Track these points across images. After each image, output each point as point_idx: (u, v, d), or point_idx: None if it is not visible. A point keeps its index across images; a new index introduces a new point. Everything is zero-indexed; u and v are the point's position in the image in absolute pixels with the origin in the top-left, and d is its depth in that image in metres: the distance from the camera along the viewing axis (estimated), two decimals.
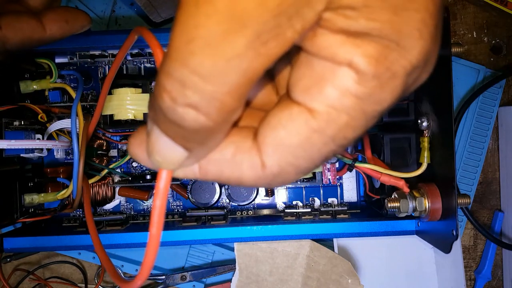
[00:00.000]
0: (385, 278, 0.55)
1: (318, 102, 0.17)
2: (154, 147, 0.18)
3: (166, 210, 0.56)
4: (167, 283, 0.56)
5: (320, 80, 0.16)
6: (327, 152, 0.18)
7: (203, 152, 0.18)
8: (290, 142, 0.17)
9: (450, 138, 0.40)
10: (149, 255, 0.20)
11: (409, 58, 0.16)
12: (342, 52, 0.16)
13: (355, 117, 0.17)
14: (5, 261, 0.56)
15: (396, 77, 0.16)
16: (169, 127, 0.16)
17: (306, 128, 0.17)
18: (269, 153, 0.18)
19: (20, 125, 0.47)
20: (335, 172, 0.55)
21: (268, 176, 0.18)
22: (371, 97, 0.16)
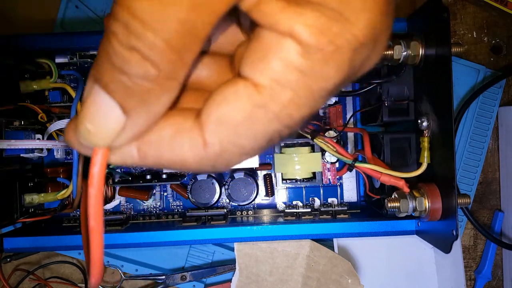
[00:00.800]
0: (385, 278, 0.55)
1: (263, 76, 0.16)
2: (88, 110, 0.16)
3: (166, 210, 0.56)
4: (167, 283, 0.56)
5: (266, 53, 0.16)
6: (272, 131, 0.17)
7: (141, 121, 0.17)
8: (233, 119, 0.16)
9: (450, 138, 0.40)
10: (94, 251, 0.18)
11: (354, 31, 0.15)
12: (283, 19, 0.15)
13: (300, 93, 0.16)
14: (5, 261, 0.56)
15: (340, 52, 0.15)
16: (112, 76, 0.16)
17: (250, 104, 0.16)
18: (211, 130, 0.17)
19: (20, 125, 0.47)
20: (335, 172, 0.55)
21: (211, 156, 0.17)
22: (315, 72, 0.16)
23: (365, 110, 0.52)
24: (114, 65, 0.15)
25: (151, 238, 0.48)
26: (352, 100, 0.56)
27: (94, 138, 0.17)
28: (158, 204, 0.57)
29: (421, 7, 0.43)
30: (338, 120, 0.55)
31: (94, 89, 0.16)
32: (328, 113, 0.55)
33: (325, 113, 0.55)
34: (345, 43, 0.15)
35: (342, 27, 0.15)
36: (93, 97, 0.16)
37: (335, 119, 0.55)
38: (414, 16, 0.46)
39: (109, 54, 0.15)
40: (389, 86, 0.46)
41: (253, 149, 0.17)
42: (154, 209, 0.57)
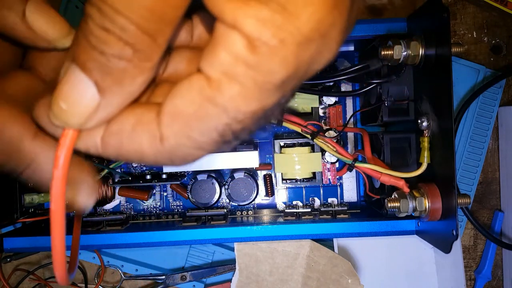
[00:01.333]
0: (385, 278, 0.55)
1: (213, 68, 0.16)
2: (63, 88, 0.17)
3: (166, 210, 0.56)
4: (167, 283, 0.56)
5: (216, 44, 0.16)
6: (222, 125, 0.17)
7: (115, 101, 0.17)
8: (185, 111, 0.17)
9: (450, 138, 0.40)
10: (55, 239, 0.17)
11: (297, 25, 0.15)
12: (229, 10, 0.15)
13: (247, 87, 0.16)
14: (5, 261, 0.56)
15: (285, 46, 0.15)
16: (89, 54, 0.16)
17: (200, 97, 0.16)
18: (166, 123, 0.17)
19: None
20: (335, 172, 0.55)
21: (167, 149, 0.17)
22: (260, 65, 0.15)
23: (365, 110, 0.52)
24: (91, 44, 0.16)
25: (151, 238, 0.48)
26: (352, 100, 0.56)
27: (67, 117, 0.17)
28: (158, 204, 0.57)
29: (421, 7, 0.43)
30: (338, 120, 0.55)
31: (71, 68, 0.17)
32: (328, 113, 0.55)
33: (325, 113, 0.55)
34: (288, 37, 0.15)
35: (285, 21, 0.15)
36: (69, 76, 0.17)
37: (335, 119, 0.55)
38: (414, 16, 0.46)
39: (86, 35, 0.16)
40: (389, 86, 0.46)
41: (207, 144, 0.18)
42: (154, 209, 0.57)
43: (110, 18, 0.15)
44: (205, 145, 0.18)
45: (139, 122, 0.18)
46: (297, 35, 0.15)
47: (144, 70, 0.17)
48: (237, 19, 0.15)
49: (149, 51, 0.16)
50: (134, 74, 0.17)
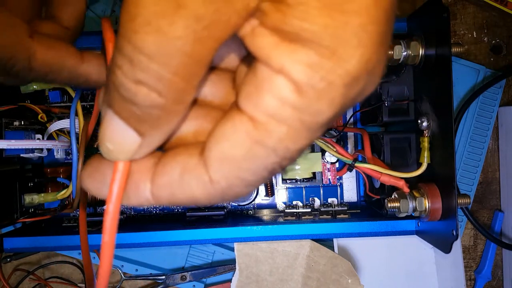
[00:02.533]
0: (385, 278, 0.55)
1: (258, 111, 0.16)
2: (106, 132, 0.17)
3: (166, 210, 0.56)
4: (167, 283, 0.56)
5: (261, 87, 0.16)
6: (272, 164, 0.17)
7: (157, 138, 0.18)
8: (234, 155, 0.17)
9: (450, 138, 0.40)
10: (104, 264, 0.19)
11: (346, 68, 0.15)
12: (276, 56, 0.15)
13: (295, 128, 0.16)
14: (5, 261, 0.56)
15: (333, 88, 0.15)
16: (123, 106, 0.16)
17: (248, 140, 0.16)
18: (215, 167, 0.17)
19: (20, 125, 0.47)
20: (335, 172, 0.55)
21: (218, 191, 0.18)
22: (308, 108, 0.16)
23: (365, 110, 0.52)
24: (122, 96, 0.16)
25: (151, 238, 0.48)
26: None
27: (114, 155, 0.18)
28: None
29: (421, 7, 0.43)
30: (338, 120, 0.55)
31: (108, 114, 0.17)
32: None
33: None
34: (337, 79, 0.15)
35: (334, 64, 0.15)
36: (108, 121, 0.17)
37: (335, 119, 0.55)
38: (414, 16, 0.46)
39: (116, 86, 0.16)
40: (389, 86, 0.46)
41: (258, 181, 0.18)
42: (154, 209, 0.57)
43: (144, 68, 0.15)
44: (255, 183, 0.18)
45: (185, 170, 0.18)
46: (345, 77, 0.15)
47: (179, 112, 0.17)
48: (285, 64, 0.15)
49: (182, 95, 0.16)
50: (169, 118, 0.17)
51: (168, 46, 0.14)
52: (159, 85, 0.15)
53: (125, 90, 0.15)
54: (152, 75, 0.15)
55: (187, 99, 0.17)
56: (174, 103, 0.16)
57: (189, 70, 0.15)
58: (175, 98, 0.16)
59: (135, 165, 0.18)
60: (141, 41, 0.14)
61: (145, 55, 0.15)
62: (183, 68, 0.15)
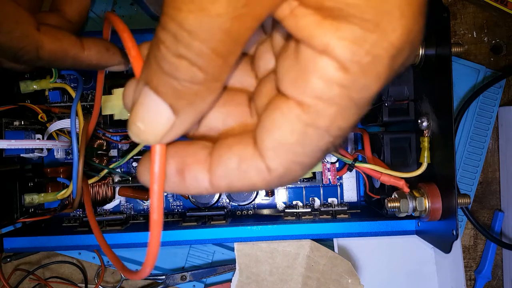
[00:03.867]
0: (385, 278, 0.55)
1: (306, 95, 0.16)
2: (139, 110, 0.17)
3: (166, 210, 0.56)
4: (167, 283, 0.56)
5: (305, 71, 0.16)
6: (326, 144, 0.17)
7: (190, 118, 0.18)
8: (287, 141, 0.17)
9: (450, 138, 0.40)
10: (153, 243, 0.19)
11: (391, 40, 0.15)
12: (319, 34, 0.15)
13: (345, 106, 0.16)
14: (5, 261, 0.56)
15: (379, 62, 0.16)
16: (163, 80, 0.17)
17: (299, 124, 0.17)
18: (271, 157, 0.18)
19: (20, 125, 0.47)
20: (335, 172, 0.55)
21: (276, 177, 0.18)
22: (355, 84, 0.16)
23: None
24: (163, 70, 0.16)
25: None
26: None
27: (145, 136, 0.18)
28: None
29: None
30: None
31: (144, 91, 0.17)
32: None
33: None
34: (383, 52, 0.15)
35: (379, 37, 0.15)
36: (144, 98, 0.17)
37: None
38: None
39: (158, 60, 0.16)
40: (389, 86, 0.46)
41: (313, 163, 0.18)
42: None
43: (186, 44, 0.15)
44: (311, 164, 0.18)
45: (242, 160, 0.18)
46: (390, 49, 0.15)
47: (215, 89, 0.17)
48: (329, 43, 0.15)
49: (220, 72, 0.17)
50: (206, 94, 0.17)
51: (209, 23, 0.15)
52: (200, 60, 0.16)
53: (167, 63, 0.16)
54: (193, 50, 0.15)
55: (223, 77, 0.17)
56: (212, 79, 0.17)
57: (227, 47, 0.16)
58: (214, 74, 0.16)
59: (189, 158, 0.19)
60: (184, 19, 0.15)
61: (187, 31, 0.15)
62: (222, 45, 0.16)
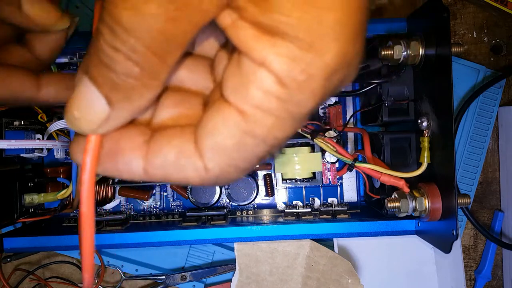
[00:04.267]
0: (385, 278, 0.55)
1: (245, 104, 0.17)
2: (76, 99, 0.18)
3: (166, 210, 0.56)
4: (167, 283, 0.56)
5: (246, 80, 0.17)
6: (261, 152, 0.18)
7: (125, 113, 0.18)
8: (225, 145, 0.18)
9: (450, 138, 0.40)
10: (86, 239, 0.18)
11: (325, 60, 0.16)
12: (257, 48, 0.16)
13: (282, 118, 0.17)
14: (5, 261, 0.56)
15: (314, 80, 0.16)
16: (100, 71, 0.17)
17: (238, 131, 0.17)
18: (209, 157, 0.18)
19: (20, 125, 0.47)
20: (335, 172, 0.55)
21: (212, 177, 0.19)
22: (292, 98, 0.16)
23: (365, 110, 0.52)
24: (102, 61, 0.17)
25: (151, 238, 0.48)
26: (352, 100, 0.56)
27: (79, 124, 0.18)
28: (158, 204, 0.57)
29: (421, 7, 0.43)
30: (338, 120, 0.55)
31: (83, 80, 0.18)
32: (328, 113, 0.55)
33: (325, 113, 0.55)
34: (317, 72, 0.16)
35: (313, 57, 0.16)
36: (82, 87, 0.18)
37: (335, 119, 0.55)
38: (414, 16, 0.46)
39: (97, 51, 0.17)
40: (389, 86, 0.46)
41: (249, 167, 0.19)
42: (154, 209, 0.57)
43: (121, 39, 0.16)
44: (246, 169, 0.19)
45: (180, 154, 0.19)
46: (324, 69, 0.16)
47: (151, 87, 0.18)
48: (266, 58, 0.16)
49: (157, 70, 0.17)
50: (142, 91, 0.18)
51: (142, 22, 0.15)
52: (134, 56, 0.16)
53: (104, 55, 0.16)
54: (128, 46, 0.16)
55: (162, 76, 0.17)
56: (149, 76, 0.17)
57: (162, 47, 0.16)
58: (150, 71, 0.17)
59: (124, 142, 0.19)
60: (118, 15, 0.16)
61: (122, 27, 0.16)
62: (156, 45, 0.16)
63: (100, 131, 0.18)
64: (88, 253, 0.19)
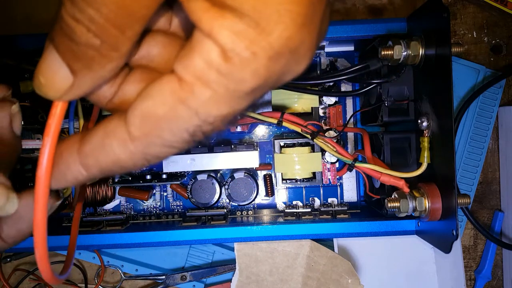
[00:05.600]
0: (385, 278, 0.55)
1: (186, 72, 0.17)
2: (42, 65, 0.18)
3: (166, 210, 0.56)
4: (167, 283, 0.56)
5: (192, 49, 0.17)
6: (193, 127, 0.18)
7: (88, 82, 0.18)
8: (155, 112, 0.17)
9: (450, 138, 0.40)
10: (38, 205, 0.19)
11: (269, 40, 0.16)
12: (205, 20, 0.16)
13: (219, 92, 0.17)
14: (5, 261, 0.56)
15: (256, 59, 0.16)
16: (62, 40, 0.17)
17: (171, 98, 0.17)
18: (136, 124, 0.18)
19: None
20: (335, 172, 0.55)
21: (139, 149, 0.18)
22: (232, 74, 0.16)
23: (365, 110, 0.52)
24: (63, 30, 0.17)
25: (151, 238, 0.48)
26: (352, 100, 0.56)
27: (45, 90, 0.19)
28: (158, 204, 0.57)
29: (421, 7, 0.43)
30: (338, 120, 0.55)
31: (49, 48, 0.18)
32: (328, 113, 0.55)
33: (325, 113, 0.55)
34: (260, 51, 0.16)
35: (258, 35, 0.16)
36: (46, 54, 0.18)
37: (335, 119, 0.55)
38: (414, 16, 0.46)
39: (60, 20, 0.17)
40: (389, 86, 0.46)
41: (178, 143, 0.18)
42: (154, 209, 0.57)
43: (80, 9, 0.16)
44: (176, 144, 0.18)
45: (106, 133, 0.19)
46: (268, 50, 0.16)
47: (112, 58, 0.18)
48: (213, 29, 0.16)
49: (117, 42, 0.17)
50: (103, 62, 0.18)
51: None
52: (93, 27, 0.16)
53: (66, 25, 0.17)
54: (87, 17, 0.16)
55: (123, 48, 0.18)
56: (109, 48, 0.17)
57: (121, 20, 0.16)
58: (109, 43, 0.17)
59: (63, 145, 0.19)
60: None
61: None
62: (115, 17, 0.16)
63: (66, 98, 0.19)
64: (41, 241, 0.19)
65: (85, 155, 0.19)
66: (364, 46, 0.51)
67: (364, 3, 0.59)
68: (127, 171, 0.20)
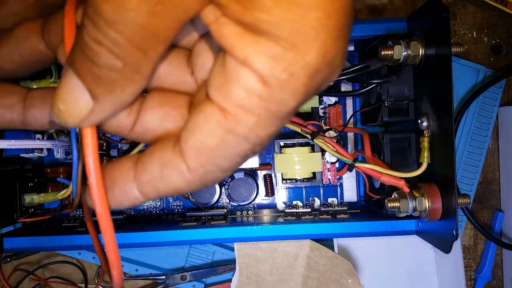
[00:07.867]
0: (385, 278, 0.55)
1: (228, 102, 0.17)
2: (61, 91, 0.18)
3: (166, 210, 0.56)
4: (167, 283, 0.56)
5: (228, 78, 0.17)
6: (244, 150, 0.18)
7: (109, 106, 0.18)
8: (208, 144, 0.18)
9: (450, 138, 0.40)
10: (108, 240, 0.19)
11: (307, 59, 0.16)
12: (240, 46, 0.16)
13: (264, 116, 0.17)
14: (5, 261, 0.56)
15: (296, 79, 0.16)
16: (83, 64, 0.17)
17: (219, 130, 0.17)
18: (191, 157, 0.18)
19: None
20: (335, 172, 0.55)
21: (197, 178, 0.19)
22: (274, 97, 0.16)
23: (365, 110, 0.52)
24: (85, 54, 0.17)
25: (151, 238, 0.48)
26: (352, 100, 0.56)
27: (64, 117, 0.18)
28: (158, 204, 0.57)
29: (421, 7, 0.43)
30: (338, 120, 0.55)
31: (68, 73, 0.18)
32: (328, 113, 0.55)
33: (325, 113, 0.55)
34: (299, 71, 0.16)
35: (295, 56, 0.16)
36: (66, 80, 0.18)
37: (335, 119, 0.55)
38: (414, 16, 0.46)
39: (81, 44, 0.17)
40: (389, 86, 0.46)
41: (233, 166, 0.19)
42: (154, 209, 0.57)
43: (103, 32, 0.16)
44: (231, 167, 0.19)
45: (163, 164, 0.19)
46: (306, 68, 0.16)
47: (134, 81, 0.18)
48: (248, 56, 0.16)
49: (139, 64, 0.17)
50: (125, 84, 0.18)
51: (123, 15, 0.15)
52: (117, 49, 0.16)
53: (87, 48, 0.16)
54: (110, 39, 0.16)
55: (145, 70, 0.18)
56: (131, 70, 0.17)
57: (144, 41, 0.16)
58: (133, 65, 0.17)
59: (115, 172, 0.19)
60: (100, 7, 0.16)
61: (104, 20, 0.16)
62: (139, 38, 0.16)
63: (84, 125, 0.18)
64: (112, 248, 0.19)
65: (143, 184, 0.19)
66: (364, 46, 0.51)
67: (364, 3, 0.59)
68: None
